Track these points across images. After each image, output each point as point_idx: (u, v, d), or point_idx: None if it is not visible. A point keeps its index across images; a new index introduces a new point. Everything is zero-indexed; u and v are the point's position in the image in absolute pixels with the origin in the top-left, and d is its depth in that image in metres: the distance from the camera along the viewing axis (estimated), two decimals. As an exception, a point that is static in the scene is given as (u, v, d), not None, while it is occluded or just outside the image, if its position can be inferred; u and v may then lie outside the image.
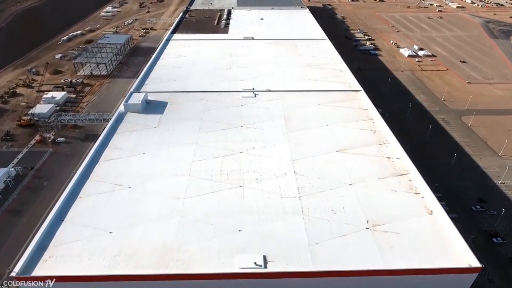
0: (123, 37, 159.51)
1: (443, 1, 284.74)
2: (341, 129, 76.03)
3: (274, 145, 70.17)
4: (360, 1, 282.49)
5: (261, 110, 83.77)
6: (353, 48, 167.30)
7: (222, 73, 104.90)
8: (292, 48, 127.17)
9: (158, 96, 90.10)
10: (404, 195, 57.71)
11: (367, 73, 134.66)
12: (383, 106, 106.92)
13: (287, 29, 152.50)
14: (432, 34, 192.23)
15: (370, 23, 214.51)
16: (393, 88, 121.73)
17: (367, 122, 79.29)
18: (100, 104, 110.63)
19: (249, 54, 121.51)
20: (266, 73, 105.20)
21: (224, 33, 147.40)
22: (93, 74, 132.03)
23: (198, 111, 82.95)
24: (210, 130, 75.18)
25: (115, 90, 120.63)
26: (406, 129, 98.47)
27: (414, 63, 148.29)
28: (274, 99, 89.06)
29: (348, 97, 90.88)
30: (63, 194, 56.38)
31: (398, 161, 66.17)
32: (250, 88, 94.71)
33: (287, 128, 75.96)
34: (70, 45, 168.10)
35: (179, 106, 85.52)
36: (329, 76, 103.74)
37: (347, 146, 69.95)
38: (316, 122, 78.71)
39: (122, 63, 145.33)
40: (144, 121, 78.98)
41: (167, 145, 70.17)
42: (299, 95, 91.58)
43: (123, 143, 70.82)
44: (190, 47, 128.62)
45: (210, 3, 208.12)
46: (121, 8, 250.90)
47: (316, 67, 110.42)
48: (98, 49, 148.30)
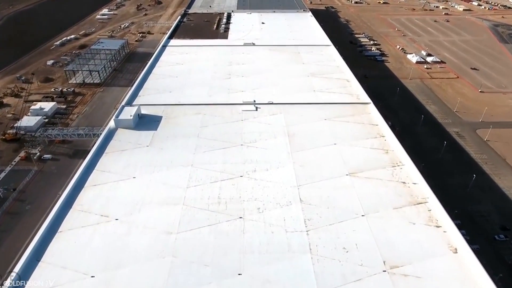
0: (118, 42, 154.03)
1: (449, 4, 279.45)
2: (350, 148, 70.27)
3: (277, 168, 64.45)
4: (364, 3, 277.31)
5: (263, 125, 78.03)
6: (358, 54, 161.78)
7: (221, 83, 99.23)
8: (295, 55, 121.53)
9: (152, 109, 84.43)
10: (424, 229, 51.93)
11: (374, 81, 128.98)
12: (392, 118, 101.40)
13: (289, 34, 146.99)
14: (439, 39, 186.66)
15: (375, 26, 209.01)
16: (402, 98, 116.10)
17: (378, 139, 73.50)
18: (91, 116, 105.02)
19: (250, 61, 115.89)
20: (267, 83, 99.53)
21: (224, 38, 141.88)
22: (85, 82, 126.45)
23: (195, 127, 77.21)
24: (208, 150, 69.44)
25: (108, 100, 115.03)
26: (418, 144, 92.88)
27: (423, 70, 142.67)
28: (277, 113, 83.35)
29: (356, 111, 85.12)
30: (42, 228, 50.63)
31: (414, 186, 60.40)
32: (251, 100, 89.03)
33: (292, 147, 70.19)
34: (63, 50, 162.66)
35: (174, 121, 79.82)
36: (335, 87, 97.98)
37: (358, 169, 64.17)
38: (322, 139, 72.94)
39: (116, 70, 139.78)
40: (136, 138, 73.27)
41: (160, 167, 64.43)
42: (304, 108, 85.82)
43: (112, 165, 65.08)
44: (188, 54, 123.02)
45: (210, 6, 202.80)
46: (117, 10, 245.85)
47: (321, 76, 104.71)
48: (91, 55, 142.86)
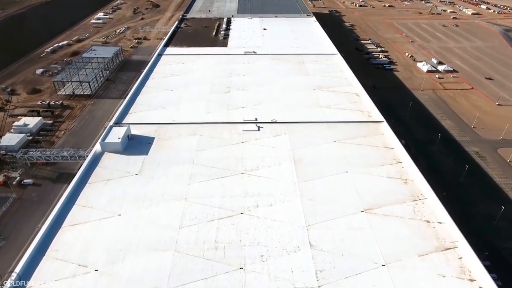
0: (111, 50, 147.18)
1: (456, 7, 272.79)
2: (364, 177, 63.07)
3: (282, 202, 57.29)
4: (368, 6, 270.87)
5: (265, 149, 70.87)
6: (365, 62, 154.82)
7: (220, 98, 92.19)
8: (299, 65, 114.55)
9: (144, 129, 77.40)
10: (457, 284, 44.62)
11: (383, 92, 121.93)
12: (406, 136, 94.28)
13: (293, 41, 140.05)
14: (449, 45, 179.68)
15: (381, 32, 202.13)
16: (414, 111, 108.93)
17: (395, 166, 66.30)
18: (79, 133, 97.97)
19: (251, 72, 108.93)
20: (270, 98, 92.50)
21: (223, 46, 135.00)
22: (75, 94, 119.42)
23: (190, 151, 70.07)
24: (204, 179, 62.31)
25: (98, 114, 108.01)
26: (436, 166, 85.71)
27: (435, 80, 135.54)
28: (281, 133, 76.24)
29: (368, 131, 77.96)
30: (7, 284, 43.40)
31: (440, 226, 53.19)
32: (253, 118, 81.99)
33: (298, 176, 63.01)
34: (54, 58, 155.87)
35: (167, 144, 72.71)
36: (343, 102, 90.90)
37: (374, 204, 56.99)
38: (333, 166, 65.75)
39: (109, 80, 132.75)
40: (124, 165, 66.16)
41: (149, 201, 57.28)
42: (310, 128, 78.70)
43: (95, 199, 57.96)
44: (185, 63, 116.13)
45: (209, 10, 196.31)
46: (113, 14, 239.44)
47: (328, 89, 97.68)
48: (83, 64, 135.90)
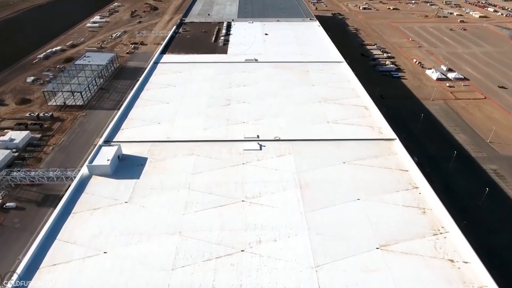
0: (106, 56, 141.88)
1: (463, 10, 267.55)
2: (377, 206, 57.45)
3: (288, 237, 51.68)
4: (373, 9, 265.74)
5: (268, 172, 65.29)
6: (372, 69, 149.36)
7: (219, 112, 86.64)
8: (303, 75, 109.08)
9: (136, 148, 71.89)
10: None
11: (391, 102, 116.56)
12: (418, 152, 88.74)
13: (296, 48, 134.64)
14: (458, 50, 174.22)
15: (387, 36, 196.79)
16: (425, 124, 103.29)
17: (411, 193, 60.66)
18: (68, 149, 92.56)
19: (252, 82, 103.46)
20: (273, 111, 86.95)
21: (223, 53, 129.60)
22: (66, 105, 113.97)
23: (186, 174, 64.51)
24: (201, 208, 56.75)
25: (89, 127, 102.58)
26: (451, 186, 79.99)
27: (445, 89, 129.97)
28: (285, 153, 70.66)
29: (380, 150, 72.36)
30: None
31: (466, 267, 47.56)
32: (254, 135, 76.44)
33: (305, 204, 57.40)
34: (46, 65, 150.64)
35: (161, 165, 67.15)
36: (352, 116, 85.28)
37: (391, 239, 51.38)
38: (343, 193, 60.14)
39: (103, 88, 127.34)
40: (113, 191, 60.62)
41: (139, 236, 51.72)
42: (317, 146, 73.10)
43: (79, 233, 52.43)
44: (182, 72, 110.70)
45: (208, 14, 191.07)
46: (110, 17, 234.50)
47: (335, 102, 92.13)
48: (75, 71, 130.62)
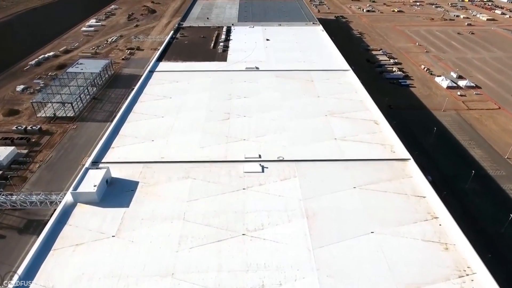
0: (100, 63, 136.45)
1: (469, 12, 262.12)
2: (394, 241, 51.80)
3: (295, 280, 46.13)
4: (377, 12, 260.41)
5: (272, 199, 59.70)
6: (378, 76, 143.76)
7: (218, 127, 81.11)
8: (307, 84, 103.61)
9: (127, 170, 66.35)
10: None
11: (400, 113, 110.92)
12: (432, 170, 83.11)
13: (299, 55, 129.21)
14: (467, 56, 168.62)
15: (393, 40, 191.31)
16: (437, 137, 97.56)
17: (430, 224, 55.00)
18: (56, 166, 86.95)
19: (253, 93, 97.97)
20: (276, 126, 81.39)
21: (222, 60, 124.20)
22: (56, 116, 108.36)
23: (181, 202, 58.92)
24: (196, 244, 51.15)
25: (80, 141, 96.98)
26: (470, 210, 74.16)
27: (456, 98, 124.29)
28: (290, 176, 65.06)
29: (393, 172, 66.71)
30: None
31: (500, 319, 41.66)
32: (256, 154, 70.94)
33: (313, 239, 51.76)
34: (38, 72, 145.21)
35: (153, 191, 61.51)
36: (361, 132, 79.65)
37: (411, 282, 45.87)
38: (355, 225, 54.51)
39: (96, 98, 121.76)
40: (99, 222, 55.02)
41: (125, 280, 46.14)
42: (324, 168, 67.46)
43: (59, 275, 46.93)
44: (179, 82, 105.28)
45: (207, 18, 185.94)
46: (106, 21, 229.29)
47: (342, 115, 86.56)
48: (68, 80, 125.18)
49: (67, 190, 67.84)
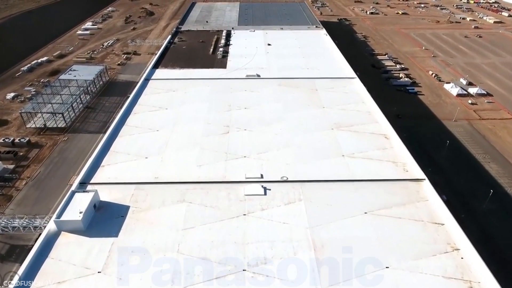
0: (94, 70, 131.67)
1: (476, 15, 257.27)
2: (412, 278, 46.81)
3: (303, 329, 40.81)
4: (380, 14, 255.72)
5: (275, 226, 54.70)
6: (384, 83, 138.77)
7: (217, 142, 76.14)
8: (311, 94, 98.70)
9: (117, 192, 61.43)
10: None
11: (409, 124, 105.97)
12: (446, 188, 78.13)
13: (302, 61, 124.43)
14: (476, 61, 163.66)
15: (398, 44, 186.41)
16: (450, 150, 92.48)
17: (451, 257, 49.96)
18: (44, 183, 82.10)
19: (254, 103, 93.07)
20: (279, 142, 76.43)
21: (222, 67, 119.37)
22: (47, 127, 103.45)
23: (175, 230, 53.92)
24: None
25: (71, 154, 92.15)
26: (489, 234, 69.02)
27: (467, 107, 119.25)
28: (295, 199, 60.07)
29: (407, 194, 61.67)
30: None
31: None
32: (257, 174, 65.97)
33: (322, 277, 46.81)
34: (30, 78, 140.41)
35: (145, 217, 56.54)
36: (370, 147, 74.61)
37: (434, 330, 40.45)
38: (368, 258, 49.40)
39: (89, 107, 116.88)
40: (85, 255, 50.08)
41: (111, 327, 40.86)
42: (332, 190, 62.46)
43: (35, 321, 41.64)
44: (176, 91, 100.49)
45: (206, 21, 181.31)
46: (103, 24, 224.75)
47: (349, 128, 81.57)
48: (60, 87, 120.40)
49: (52, 213, 63.34)
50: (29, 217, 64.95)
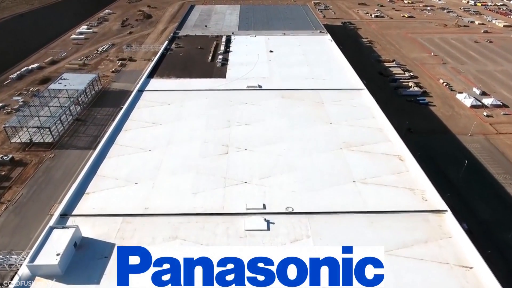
0: (86, 78, 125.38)
1: (484, 18, 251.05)
2: None
3: None
4: (386, 17, 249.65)
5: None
6: (393, 92, 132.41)
7: (214, 166, 69.82)
8: (317, 108, 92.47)
9: (102, 225, 55.20)
10: None
11: (422, 139, 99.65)
12: (466, 215, 71.75)
13: (306, 70, 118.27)
14: (488, 68, 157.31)
15: (405, 50, 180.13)
16: (467, 170, 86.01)
17: (485, 312, 43.27)
18: (26, 208, 75.71)
19: (256, 119, 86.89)
20: (283, 164, 70.14)
21: (221, 76, 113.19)
22: (33, 142, 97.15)
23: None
24: None
25: (57, 174, 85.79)
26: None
27: (483, 120, 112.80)
28: (302, 236, 53.79)
29: (428, 230, 55.34)
30: None
31: None
32: (259, 204, 59.66)
33: (336, 337, 39.97)
34: (19, 87, 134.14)
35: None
36: (383, 171, 68.27)
37: None
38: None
39: (79, 119, 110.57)
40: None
41: None
42: (343, 223, 56.20)
43: None
44: (171, 104, 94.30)
45: (205, 26, 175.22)
46: (98, 27, 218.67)
47: (360, 148, 75.25)
48: (49, 98, 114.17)
49: (31, 248, 56.73)
50: (3, 253, 58.59)
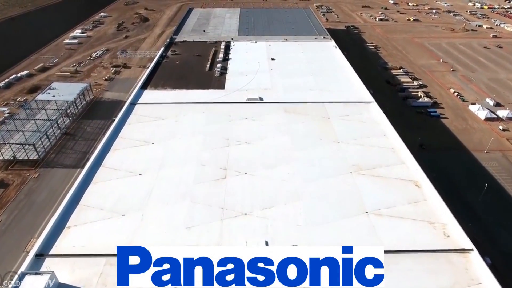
0: (76, 88, 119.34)
1: (492, 21, 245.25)
2: None
3: None
4: (391, 21, 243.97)
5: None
6: (402, 103, 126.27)
7: (211, 193, 63.65)
8: (323, 124, 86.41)
9: (82, 268, 49.14)
10: None
11: (435, 157, 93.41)
12: (486, 244, 65.70)
13: (310, 80, 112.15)
14: (500, 76, 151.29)
15: (413, 56, 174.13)
16: (486, 192, 79.83)
17: None
18: (4, 237, 69.43)
19: (257, 137, 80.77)
20: (286, 191, 64.03)
21: (219, 87, 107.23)
22: (16, 159, 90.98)
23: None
24: None
25: (40, 197, 79.61)
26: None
27: (499, 134, 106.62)
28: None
29: (454, 273, 49.19)
30: None
31: None
32: (261, 239, 53.40)
33: None
34: (6, 96, 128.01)
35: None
36: (399, 200, 62.12)
37: None
38: None
39: (68, 133, 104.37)
40: None
41: None
42: (357, 266, 49.32)
43: None
44: (165, 119, 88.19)
45: (203, 31, 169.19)
46: (93, 31, 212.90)
47: (371, 172, 69.13)
48: (37, 110, 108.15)
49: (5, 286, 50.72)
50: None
